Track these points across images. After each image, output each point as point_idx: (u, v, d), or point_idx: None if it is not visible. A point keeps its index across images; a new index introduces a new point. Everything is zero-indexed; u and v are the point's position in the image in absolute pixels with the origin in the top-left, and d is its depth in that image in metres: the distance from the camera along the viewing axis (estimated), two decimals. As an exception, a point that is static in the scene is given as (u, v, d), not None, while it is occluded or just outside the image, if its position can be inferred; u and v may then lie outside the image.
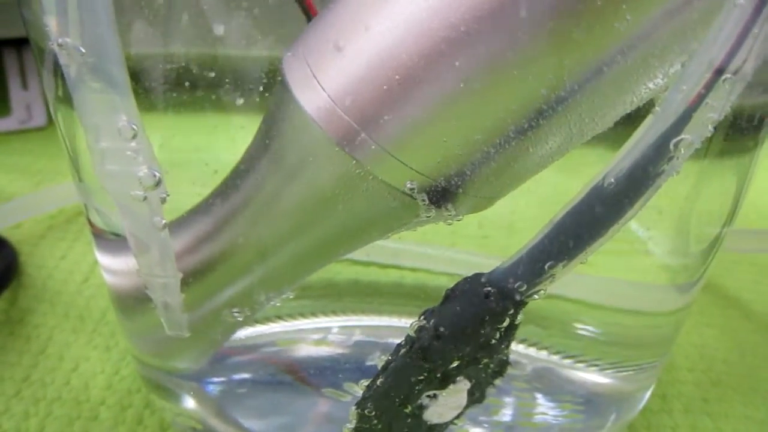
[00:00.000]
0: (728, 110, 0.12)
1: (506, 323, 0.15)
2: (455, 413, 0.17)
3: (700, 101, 0.12)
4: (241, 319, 0.17)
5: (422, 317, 0.15)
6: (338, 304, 0.22)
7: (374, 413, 0.16)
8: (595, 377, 0.22)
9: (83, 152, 0.17)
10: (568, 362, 0.22)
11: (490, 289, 0.14)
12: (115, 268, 0.19)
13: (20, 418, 0.22)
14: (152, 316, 0.17)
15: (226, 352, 0.21)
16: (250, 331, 0.21)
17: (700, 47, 0.11)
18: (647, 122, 0.12)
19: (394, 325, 0.22)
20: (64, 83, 0.13)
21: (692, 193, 0.18)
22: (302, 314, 0.22)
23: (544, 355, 0.21)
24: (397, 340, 0.15)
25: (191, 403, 0.21)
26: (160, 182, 0.13)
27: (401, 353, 0.15)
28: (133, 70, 0.13)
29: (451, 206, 0.14)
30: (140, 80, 0.16)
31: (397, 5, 0.12)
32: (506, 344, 0.16)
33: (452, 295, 0.15)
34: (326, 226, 0.15)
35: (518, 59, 0.12)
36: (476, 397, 0.17)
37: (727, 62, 0.11)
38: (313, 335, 0.22)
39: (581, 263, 0.14)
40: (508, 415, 0.21)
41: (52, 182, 0.37)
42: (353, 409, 0.16)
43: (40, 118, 0.43)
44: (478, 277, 0.15)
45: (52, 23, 0.12)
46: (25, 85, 0.43)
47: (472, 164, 0.13)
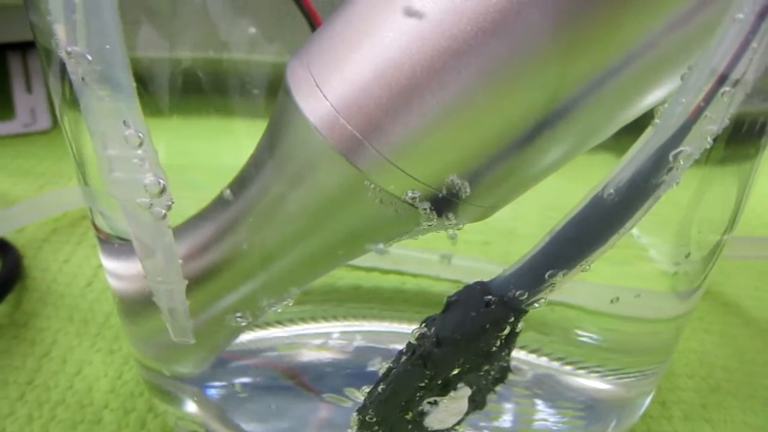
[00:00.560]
0: (727, 122, 0.12)
1: (507, 331, 0.15)
2: (456, 420, 0.17)
3: (699, 114, 0.12)
4: (243, 324, 0.17)
5: (423, 324, 0.15)
6: (339, 309, 0.22)
7: (375, 419, 0.16)
8: (595, 384, 0.22)
9: (89, 156, 0.17)
10: (568, 369, 0.22)
11: (490, 297, 0.14)
12: (119, 272, 0.19)
13: (24, 421, 0.23)
14: (155, 320, 0.17)
15: (227, 356, 0.21)
16: (251, 335, 0.21)
17: (699, 60, 0.11)
18: (647, 134, 0.12)
19: (395, 330, 0.22)
20: (71, 87, 0.13)
21: (693, 200, 0.18)
22: (303, 319, 0.22)
23: (544, 361, 0.21)
24: (398, 345, 0.16)
25: (193, 407, 0.21)
26: (165, 189, 0.14)
27: (403, 360, 0.15)
28: (137, 74, 0.13)
29: (452, 215, 0.14)
30: (144, 85, 0.16)
31: (400, 16, 0.12)
32: (507, 351, 0.16)
33: (453, 303, 0.15)
34: (328, 233, 0.15)
35: (520, 70, 0.12)
36: (477, 403, 0.17)
37: (726, 75, 0.11)
38: (314, 340, 0.22)
39: (582, 272, 0.14)
40: (508, 421, 0.21)
41: (55, 186, 0.37)
42: (354, 415, 0.16)
43: (44, 121, 0.43)
44: (479, 285, 0.15)
45: (60, 31, 0.12)
46: (29, 88, 0.43)
47: (474, 174, 0.13)
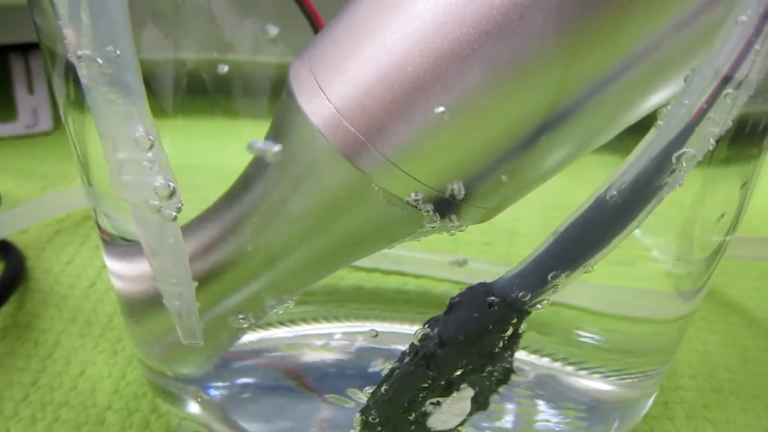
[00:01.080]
0: (730, 123, 0.12)
1: (510, 332, 0.15)
2: (459, 420, 0.17)
3: (702, 116, 0.12)
4: (246, 324, 0.17)
5: (426, 325, 0.15)
6: (341, 310, 0.22)
7: (378, 420, 0.16)
8: (598, 384, 0.22)
9: (93, 156, 0.17)
10: (571, 369, 0.22)
11: (493, 298, 0.14)
12: (123, 272, 0.19)
13: (28, 422, 0.23)
14: (159, 321, 0.17)
15: (230, 357, 0.21)
16: (254, 336, 0.21)
17: (702, 62, 0.11)
18: (650, 135, 0.12)
19: (397, 331, 0.22)
20: (75, 88, 0.13)
21: (696, 200, 0.18)
22: (306, 320, 0.22)
23: (547, 362, 0.21)
24: (400, 346, 0.16)
25: (196, 407, 0.21)
26: (174, 192, 0.14)
27: (406, 361, 0.15)
28: (143, 75, 0.13)
29: (455, 217, 0.14)
30: (149, 86, 0.16)
31: (403, 19, 0.12)
32: (510, 352, 0.16)
33: (456, 304, 0.15)
34: (330, 234, 0.15)
35: (522, 72, 0.12)
36: (480, 404, 0.17)
37: (729, 77, 0.11)
38: (316, 341, 0.22)
39: (585, 273, 0.14)
40: (510, 422, 0.21)
41: (58, 187, 0.37)
42: (357, 415, 0.16)
43: (46, 122, 0.43)
44: (481, 286, 0.15)
45: (70, 35, 0.12)
46: (31, 89, 0.43)
47: (476, 176, 0.13)
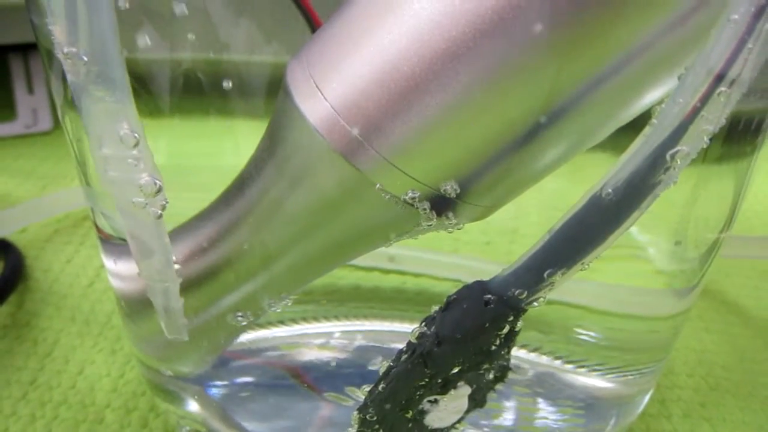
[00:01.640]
0: (724, 121, 0.12)
1: (506, 330, 0.15)
2: (456, 418, 0.17)
3: (696, 113, 0.12)
4: (244, 323, 0.17)
5: (423, 324, 0.15)
6: (340, 308, 0.22)
7: (376, 418, 0.16)
8: (595, 381, 0.22)
9: (90, 156, 0.17)
10: (568, 367, 0.22)
11: (490, 296, 0.14)
12: (121, 272, 0.19)
13: (27, 421, 0.23)
14: (157, 319, 0.17)
15: (229, 355, 0.21)
16: (252, 335, 0.21)
17: (695, 61, 0.12)
18: (644, 134, 0.12)
19: (395, 330, 0.22)
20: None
21: (690, 198, 0.18)
22: (305, 319, 0.22)
23: (545, 359, 0.22)
24: (398, 344, 0.16)
25: (195, 406, 0.21)
26: (160, 190, 0.14)
27: (403, 359, 0.15)
28: (139, 75, 0.13)
29: (452, 215, 0.14)
30: (146, 85, 0.16)
31: (399, 18, 0.12)
32: (507, 350, 0.16)
33: (453, 302, 0.15)
34: (328, 233, 0.15)
35: (517, 71, 0.12)
36: (477, 401, 0.17)
37: (722, 75, 0.11)
38: (315, 340, 0.22)
39: (581, 271, 0.14)
40: (509, 419, 0.21)
41: (57, 186, 0.37)
42: (355, 413, 0.16)
43: (45, 122, 0.43)
44: (478, 284, 0.15)
45: (57, 32, 0.12)
46: (30, 89, 0.43)
47: (473, 174, 0.13)
